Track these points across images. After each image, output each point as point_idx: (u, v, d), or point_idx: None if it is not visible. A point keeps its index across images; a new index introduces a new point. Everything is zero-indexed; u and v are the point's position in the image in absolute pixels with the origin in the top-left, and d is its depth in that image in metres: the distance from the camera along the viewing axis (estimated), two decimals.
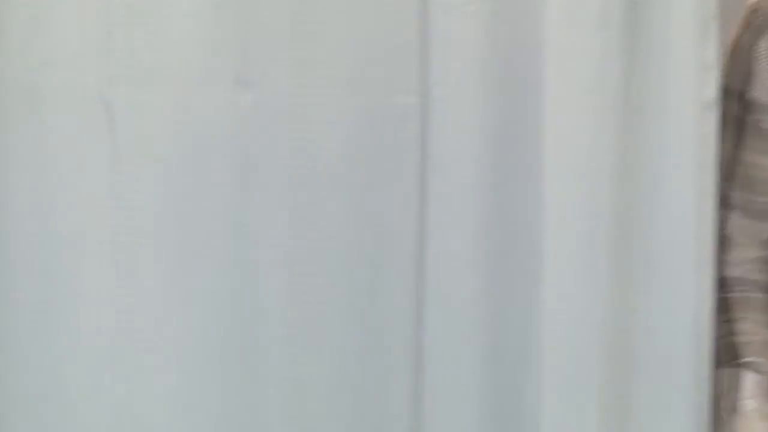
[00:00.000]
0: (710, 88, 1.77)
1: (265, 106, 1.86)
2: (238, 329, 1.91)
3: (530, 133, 1.83)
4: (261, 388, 1.91)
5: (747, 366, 1.84)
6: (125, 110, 1.88)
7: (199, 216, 1.89)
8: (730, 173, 1.85)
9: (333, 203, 1.88)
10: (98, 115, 1.87)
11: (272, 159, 1.87)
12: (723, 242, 1.85)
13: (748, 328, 1.86)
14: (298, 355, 1.90)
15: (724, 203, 1.84)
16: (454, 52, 1.84)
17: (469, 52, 1.84)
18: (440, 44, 1.84)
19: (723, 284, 1.85)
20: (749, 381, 1.83)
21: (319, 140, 1.86)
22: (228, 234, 1.90)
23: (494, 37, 1.83)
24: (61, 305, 1.90)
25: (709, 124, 1.78)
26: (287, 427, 1.91)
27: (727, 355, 1.85)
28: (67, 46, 1.87)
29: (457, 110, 1.85)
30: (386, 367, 1.91)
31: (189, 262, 1.91)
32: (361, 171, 1.88)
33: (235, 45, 1.86)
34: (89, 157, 1.88)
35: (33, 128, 1.88)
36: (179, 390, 1.91)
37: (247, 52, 1.85)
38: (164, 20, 1.86)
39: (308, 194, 1.88)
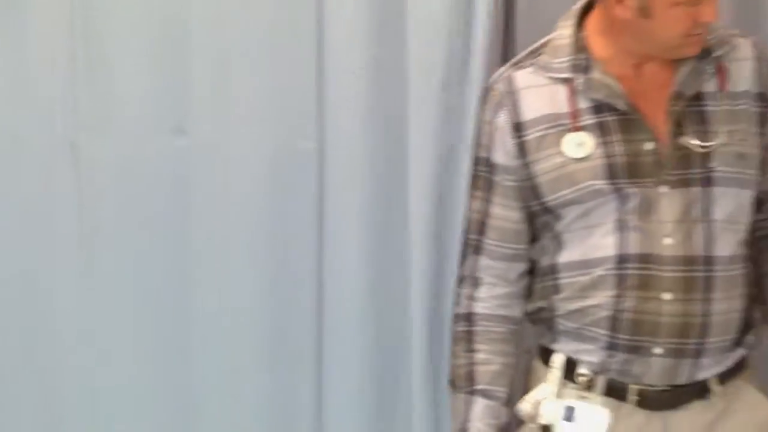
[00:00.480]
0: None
1: (197, 148, 2.35)
2: (179, 326, 2.40)
3: (399, 165, 2.26)
4: (195, 371, 2.40)
5: (479, 392, 2.04)
6: (88, 151, 2.38)
7: (146, 234, 2.39)
8: (482, 224, 2.08)
9: (251, 226, 2.35)
10: (66, 155, 2.38)
11: (202, 190, 2.35)
12: (473, 283, 2.08)
13: (485, 359, 2.05)
14: (224, 342, 2.38)
15: (475, 249, 2.09)
16: (344, 106, 2.29)
17: (355, 106, 2.29)
18: (333, 100, 2.30)
19: (468, 319, 2.08)
20: (479, 406, 2.04)
21: (239, 175, 2.34)
22: (169, 250, 2.39)
23: (374, 94, 2.28)
24: (38, 305, 2.42)
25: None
26: (214, 398, 2.40)
27: (465, 381, 2.06)
28: (40, 98, 2.37)
29: (346, 151, 2.30)
30: (293, 351, 2.38)
31: (140, 274, 2.40)
32: (272, 199, 2.34)
33: (173, 100, 2.34)
34: (59, 189, 2.39)
35: (13, 165, 2.39)
36: (132, 370, 2.41)
37: (182, 106, 2.34)
38: (117, 79, 2.35)
39: (231, 219, 2.35)
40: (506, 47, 2.31)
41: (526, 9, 2.32)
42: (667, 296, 1.95)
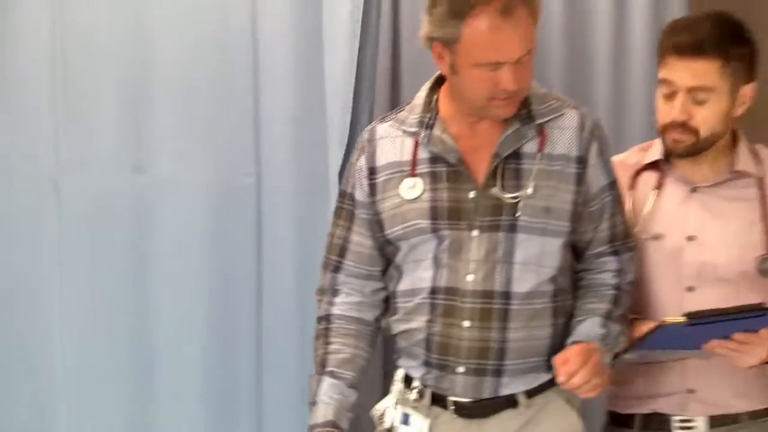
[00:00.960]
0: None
1: (154, 184, 2.85)
2: (140, 326, 2.89)
3: (322, 194, 2.73)
4: (153, 363, 2.89)
5: (328, 373, 2.31)
6: (68, 187, 2.88)
7: (114, 250, 2.88)
8: (343, 248, 2.34)
9: (200, 248, 2.85)
10: (49, 190, 2.89)
11: (159, 220, 2.85)
12: (333, 293, 2.36)
13: (337, 348, 2.32)
14: (177, 339, 2.87)
15: (336, 268, 2.35)
16: (276, 148, 2.80)
17: (285, 149, 2.80)
18: (267, 143, 2.81)
19: (327, 319, 2.36)
20: (326, 384, 2.29)
21: (190, 207, 2.84)
22: (133, 265, 2.89)
23: (300, 139, 2.80)
24: (28, 308, 2.92)
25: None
26: (170, 382, 2.88)
27: (319, 366, 2.34)
28: (28, 142, 2.88)
29: (278, 185, 2.81)
30: (236, 348, 2.88)
31: (109, 283, 2.89)
32: (219, 224, 2.84)
33: (135, 144, 2.84)
34: (44, 216, 2.89)
35: (5, 196, 2.89)
36: (102, 354, 2.90)
37: (142, 149, 2.84)
38: (91, 126, 2.85)
39: (184, 243, 2.85)
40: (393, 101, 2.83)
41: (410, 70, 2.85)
42: (466, 324, 2.21)
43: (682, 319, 2.17)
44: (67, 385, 2.93)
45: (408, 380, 2.32)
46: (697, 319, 2.16)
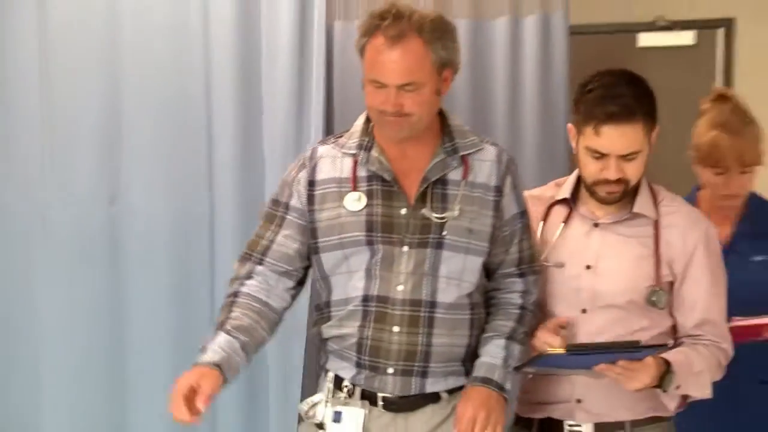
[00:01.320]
0: None
1: (124, 213, 3.45)
2: (115, 326, 3.49)
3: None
4: (125, 361, 3.49)
5: (224, 330, 2.41)
6: (54, 221, 3.46)
7: (94, 267, 3.46)
8: (267, 248, 2.50)
9: (165, 264, 3.46)
10: (38, 224, 3.47)
11: (128, 243, 3.46)
12: (247, 277, 2.50)
13: (237, 316, 2.44)
14: (147, 341, 3.47)
15: (258, 262, 2.50)
16: (225, 183, 3.42)
17: (230, 186, 3.41)
18: (219, 180, 3.43)
19: (235, 294, 2.49)
20: (220, 337, 2.41)
21: (154, 231, 3.45)
22: (110, 278, 3.48)
23: (242, 178, 3.40)
24: (24, 316, 3.50)
25: None
26: (142, 374, 3.47)
27: (218, 326, 2.45)
28: (19, 180, 3.45)
29: (226, 212, 3.42)
30: (195, 345, 3.17)
31: (90, 291, 3.48)
32: (179, 245, 3.46)
33: (110, 177, 3.44)
34: (34, 250, 3.49)
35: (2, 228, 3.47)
36: (82, 356, 3.48)
37: (115, 181, 3.44)
38: (73, 164, 3.43)
39: (151, 261, 3.45)
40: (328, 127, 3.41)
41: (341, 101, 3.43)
42: (396, 329, 2.41)
43: (561, 350, 2.35)
44: (53, 384, 3.48)
45: (338, 381, 2.50)
46: (576, 351, 2.34)
